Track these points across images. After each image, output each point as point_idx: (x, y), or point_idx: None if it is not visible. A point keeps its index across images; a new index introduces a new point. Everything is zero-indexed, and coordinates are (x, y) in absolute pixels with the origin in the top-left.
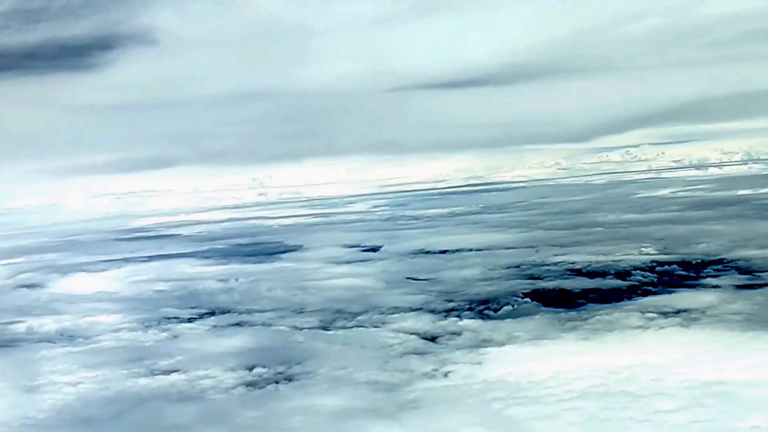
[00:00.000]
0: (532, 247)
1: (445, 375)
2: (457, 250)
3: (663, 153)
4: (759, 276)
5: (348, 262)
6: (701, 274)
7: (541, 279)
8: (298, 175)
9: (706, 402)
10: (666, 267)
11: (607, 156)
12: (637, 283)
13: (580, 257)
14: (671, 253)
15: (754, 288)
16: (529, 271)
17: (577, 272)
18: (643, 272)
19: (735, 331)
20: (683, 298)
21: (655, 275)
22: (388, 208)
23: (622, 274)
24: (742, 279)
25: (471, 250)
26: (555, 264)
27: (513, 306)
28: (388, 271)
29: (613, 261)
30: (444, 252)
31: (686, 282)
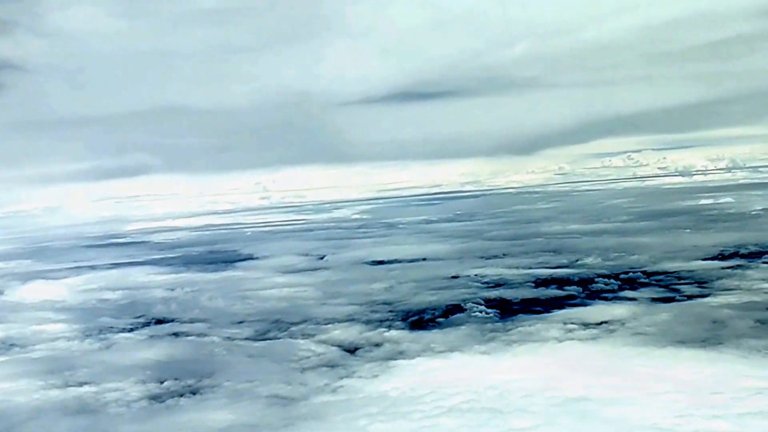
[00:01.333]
0: (459, 258)
1: (335, 390)
2: (395, 261)
3: (664, 158)
4: (678, 289)
5: (296, 272)
6: (627, 287)
7: (471, 290)
8: (301, 180)
9: (561, 420)
10: (598, 279)
11: (609, 161)
12: (561, 295)
13: (495, 270)
14: (600, 266)
15: (673, 301)
16: (456, 283)
17: (498, 284)
18: (568, 284)
19: (629, 346)
20: (606, 310)
21: (582, 287)
22: (370, 214)
23: (540, 284)
24: (660, 292)
25: (407, 261)
26: (476, 276)
27: (443, 317)
28: (331, 281)
29: (527, 274)
30: (382, 263)
31: (612, 294)
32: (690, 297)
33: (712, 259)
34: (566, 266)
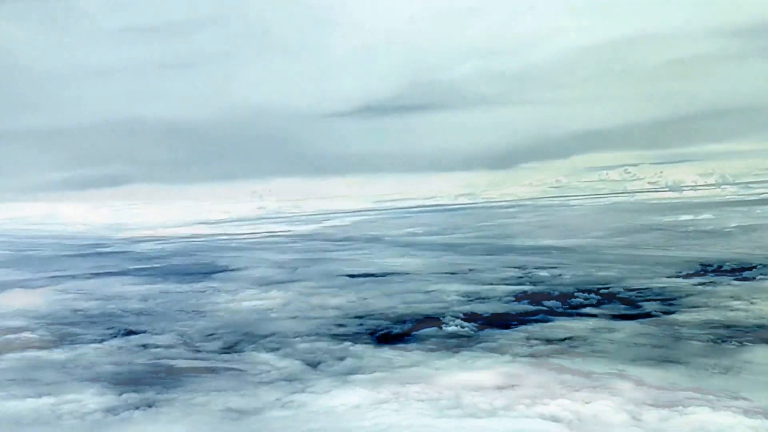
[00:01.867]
0: (431, 273)
1: (284, 405)
2: (369, 274)
3: (661, 172)
4: (643, 306)
5: (270, 284)
6: (593, 303)
7: (441, 304)
8: (299, 190)
9: None
10: (577, 294)
11: (606, 174)
12: (529, 310)
13: (463, 286)
14: (567, 283)
15: (636, 318)
16: (427, 297)
17: (468, 299)
18: (534, 300)
19: (583, 362)
20: (570, 326)
21: (549, 303)
22: (357, 226)
23: (505, 300)
24: (624, 309)
25: (381, 274)
26: (444, 290)
27: (413, 331)
28: (302, 294)
29: (492, 289)
30: (355, 276)
31: (578, 311)
32: (654, 314)
33: (681, 276)
34: (533, 282)
